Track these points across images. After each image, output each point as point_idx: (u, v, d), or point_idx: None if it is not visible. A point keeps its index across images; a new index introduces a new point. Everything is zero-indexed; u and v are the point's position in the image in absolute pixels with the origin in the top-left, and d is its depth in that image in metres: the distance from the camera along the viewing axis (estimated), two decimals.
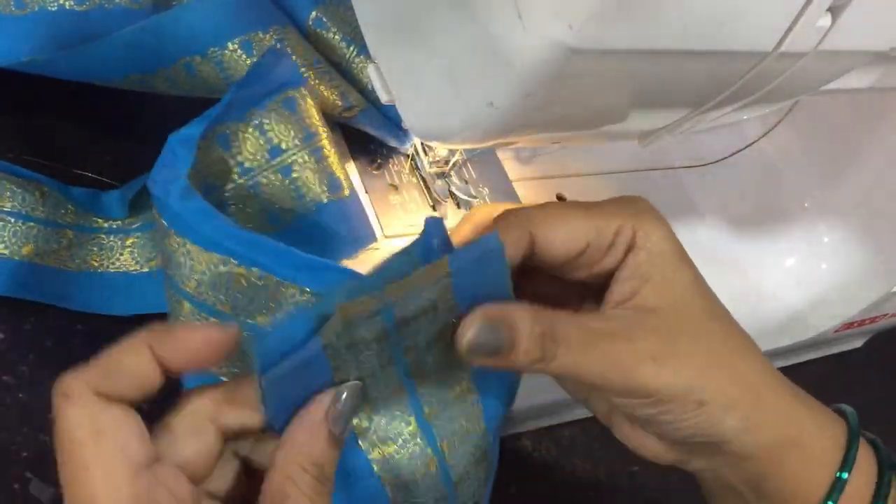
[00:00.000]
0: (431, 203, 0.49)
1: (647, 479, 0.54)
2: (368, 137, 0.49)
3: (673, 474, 0.40)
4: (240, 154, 0.42)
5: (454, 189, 0.50)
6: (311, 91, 0.45)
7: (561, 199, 0.55)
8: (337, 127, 0.48)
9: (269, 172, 0.42)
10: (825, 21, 0.31)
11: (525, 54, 0.28)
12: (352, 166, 0.48)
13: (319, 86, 0.46)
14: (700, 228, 0.61)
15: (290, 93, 0.42)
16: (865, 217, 0.60)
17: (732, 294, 0.59)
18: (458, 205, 0.50)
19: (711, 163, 0.63)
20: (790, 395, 0.35)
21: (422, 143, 0.50)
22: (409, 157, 0.50)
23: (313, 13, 0.49)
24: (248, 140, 0.42)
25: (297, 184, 0.42)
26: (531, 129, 0.34)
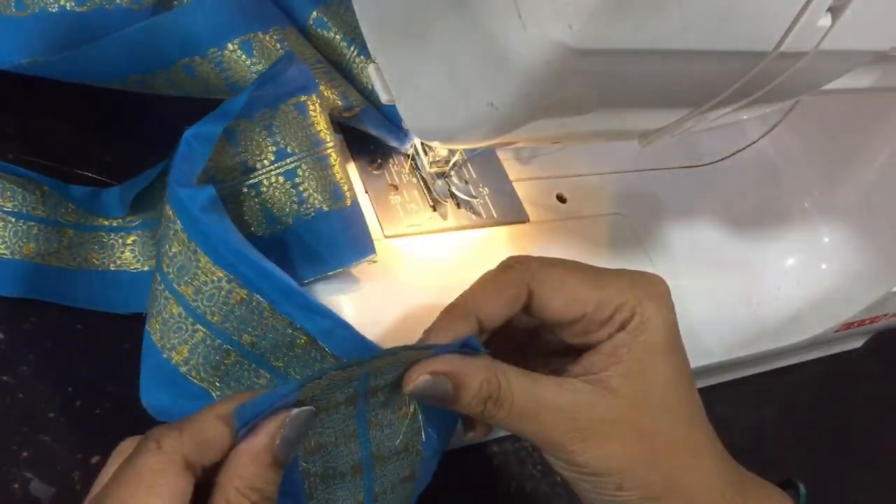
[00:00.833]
0: (431, 203, 0.49)
1: None
2: (368, 137, 0.49)
3: None
4: (245, 152, 0.42)
5: (454, 189, 0.50)
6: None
7: (561, 200, 0.55)
8: (337, 127, 0.48)
9: (273, 174, 0.42)
10: (825, 21, 0.31)
11: (525, 54, 0.28)
12: (352, 166, 0.48)
13: (320, 86, 0.46)
14: (700, 228, 0.61)
15: (303, 98, 0.42)
16: (865, 217, 0.60)
17: (732, 294, 0.60)
18: (458, 205, 0.50)
19: (711, 163, 0.63)
20: (734, 496, 0.36)
21: (422, 143, 0.50)
22: (409, 157, 0.50)
23: (314, 13, 0.49)
24: (256, 139, 0.42)
25: (300, 189, 0.42)
26: (531, 129, 0.34)
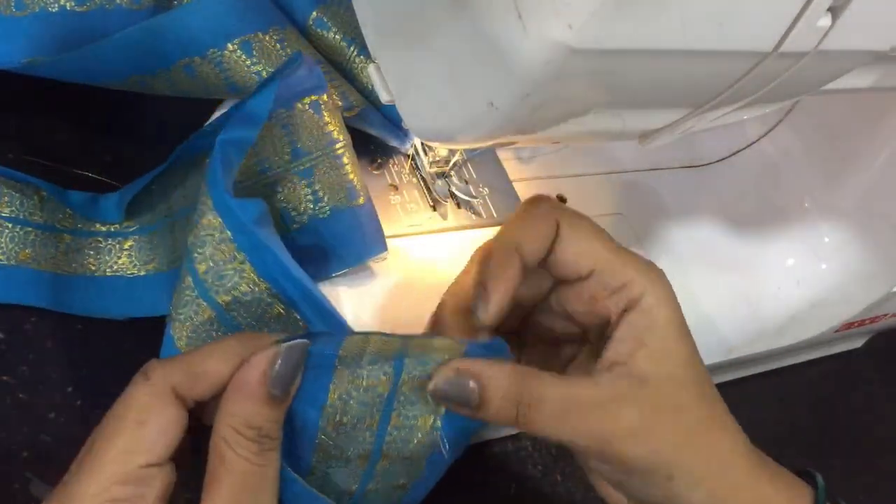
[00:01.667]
0: (431, 203, 0.49)
1: None
2: (368, 137, 0.49)
3: None
4: (263, 151, 0.42)
5: (454, 189, 0.50)
6: None
7: (561, 200, 0.55)
8: None
9: (289, 173, 0.42)
10: (825, 21, 0.31)
11: (525, 54, 0.28)
12: None
13: None
14: (700, 228, 0.61)
15: (315, 97, 0.42)
16: (865, 217, 0.60)
17: (732, 294, 0.60)
18: (458, 205, 0.50)
19: (711, 163, 0.63)
20: (759, 471, 0.36)
21: (422, 143, 0.50)
22: (409, 157, 0.50)
23: (314, 13, 0.49)
24: (272, 139, 0.42)
25: (315, 188, 0.42)
26: (531, 129, 0.34)
